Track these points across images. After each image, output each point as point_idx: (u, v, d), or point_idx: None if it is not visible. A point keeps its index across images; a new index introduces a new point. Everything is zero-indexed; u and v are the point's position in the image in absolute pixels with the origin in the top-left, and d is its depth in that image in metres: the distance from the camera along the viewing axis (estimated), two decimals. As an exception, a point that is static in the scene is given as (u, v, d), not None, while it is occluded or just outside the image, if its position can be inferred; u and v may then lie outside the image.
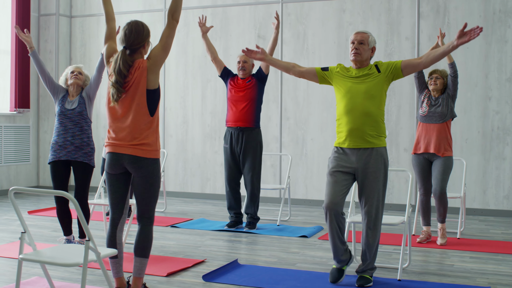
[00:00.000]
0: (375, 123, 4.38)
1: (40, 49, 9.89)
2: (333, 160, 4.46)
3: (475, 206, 7.73)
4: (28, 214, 7.42)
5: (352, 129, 4.36)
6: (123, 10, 9.59)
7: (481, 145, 7.69)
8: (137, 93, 3.72)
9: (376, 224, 4.38)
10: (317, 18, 8.45)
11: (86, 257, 3.24)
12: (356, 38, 4.47)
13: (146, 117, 3.76)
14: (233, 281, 4.48)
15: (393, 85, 8.02)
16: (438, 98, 5.95)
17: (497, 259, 5.29)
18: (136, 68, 3.74)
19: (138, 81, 3.72)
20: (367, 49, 4.46)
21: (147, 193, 3.82)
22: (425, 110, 5.97)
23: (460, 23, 7.74)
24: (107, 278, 3.47)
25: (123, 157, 3.78)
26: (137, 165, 3.77)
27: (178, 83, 9.30)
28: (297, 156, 8.56)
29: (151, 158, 3.80)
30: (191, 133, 9.18)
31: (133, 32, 3.79)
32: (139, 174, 3.79)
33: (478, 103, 7.71)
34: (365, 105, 4.34)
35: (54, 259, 3.29)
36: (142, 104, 3.73)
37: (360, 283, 4.41)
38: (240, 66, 6.56)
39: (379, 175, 4.38)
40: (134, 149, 3.75)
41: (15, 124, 9.34)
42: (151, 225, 3.89)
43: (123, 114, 3.76)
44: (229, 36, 8.96)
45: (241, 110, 6.47)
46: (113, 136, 3.81)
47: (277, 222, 6.92)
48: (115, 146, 3.80)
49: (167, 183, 9.32)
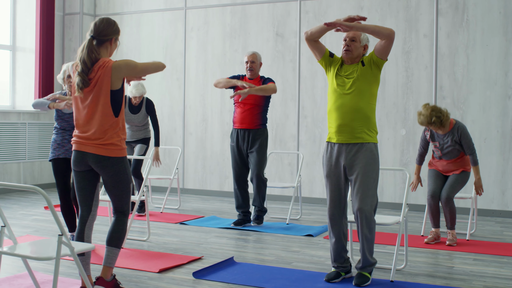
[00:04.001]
0: (365, 118, 4.35)
1: (65, 48, 10.07)
2: (326, 164, 4.49)
3: (493, 207, 7.53)
4: (44, 210, 7.56)
5: (340, 125, 4.36)
6: (145, 8, 9.69)
7: (500, 144, 7.49)
8: (102, 93, 3.75)
9: (368, 219, 4.32)
10: (335, 16, 8.37)
11: (58, 251, 3.27)
12: (348, 35, 4.43)
13: (111, 118, 3.78)
14: (224, 278, 4.47)
15: (410, 83, 7.90)
16: (446, 137, 5.83)
17: (501, 262, 5.14)
18: (101, 66, 3.75)
19: (102, 80, 3.74)
20: (359, 47, 4.42)
21: (117, 190, 3.86)
22: (438, 154, 5.92)
23: (479, 20, 7.55)
24: (82, 272, 3.50)
25: (88, 156, 3.80)
26: (102, 164, 3.79)
27: (197, 81, 9.34)
28: (314, 154, 8.50)
29: (116, 157, 3.81)
30: (210, 131, 9.21)
31: (104, 23, 3.82)
32: (105, 174, 3.82)
33: (497, 101, 7.51)
34: (354, 101, 4.32)
35: (29, 253, 3.34)
36: (106, 105, 3.76)
37: (357, 282, 4.36)
38: (248, 67, 6.54)
39: (369, 170, 4.34)
40: (99, 148, 3.78)
41: (39, 121, 9.53)
42: (126, 217, 3.94)
43: (88, 114, 3.79)
44: (248, 34, 8.95)
45: (247, 111, 6.48)
46: (79, 134, 3.85)
47: (287, 221, 6.89)
48: (80, 144, 3.83)
49: (186, 180, 9.38)
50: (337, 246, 4.49)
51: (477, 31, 7.59)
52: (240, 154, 6.56)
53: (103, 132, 3.77)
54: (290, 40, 8.66)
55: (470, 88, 7.62)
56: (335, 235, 4.48)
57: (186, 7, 9.40)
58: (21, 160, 9.26)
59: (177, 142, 9.46)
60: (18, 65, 9.61)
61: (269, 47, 8.80)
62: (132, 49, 9.83)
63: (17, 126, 9.19)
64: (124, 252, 5.26)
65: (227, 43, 9.11)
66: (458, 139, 5.76)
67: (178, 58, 9.48)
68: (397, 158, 8.01)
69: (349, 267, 4.58)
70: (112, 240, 3.88)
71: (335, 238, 4.48)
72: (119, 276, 4.49)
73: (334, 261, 4.53)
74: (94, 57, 3.75)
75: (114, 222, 3.92)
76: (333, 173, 4.43)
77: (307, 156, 8.51)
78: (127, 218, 3.95)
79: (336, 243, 4.49)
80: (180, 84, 9.48)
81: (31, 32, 9.49)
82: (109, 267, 3.87)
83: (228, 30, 9.11)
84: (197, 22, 9.33)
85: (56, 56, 9.88)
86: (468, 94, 7.63)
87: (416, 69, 7.91)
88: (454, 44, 7.70)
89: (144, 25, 9.75)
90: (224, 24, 9.12)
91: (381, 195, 8.10)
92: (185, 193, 9.36)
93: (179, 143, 9.44)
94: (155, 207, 7.96)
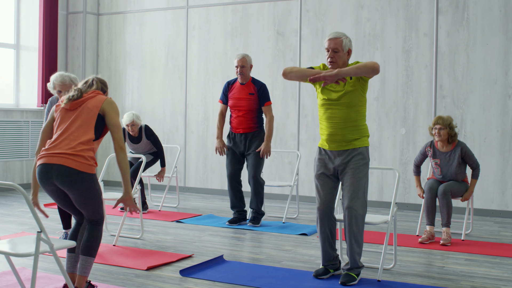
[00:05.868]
0: (356, 127, 4.40)
1: (68, 46, 10.13)
2: (317, 164, 4.52)
3: (493, 207, 7.48)
4: (44, 207, 7.61)
5: (332, 133, 4.41)
6: (147, 7, 9.72)
7: (500, 144, 7.43)
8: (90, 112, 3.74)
9: (357, 218, 4.31)
10: (335, 14, 8.35)
11: (37, 248, 3.29)
12: (330, 45, 4.39)
13: (90, 135, 3.69)
14: (210, 276, 4.48)
15: (410, 82, 7.86)
16: (448, 155, 5.90)
17: (493, 262, 5.10)
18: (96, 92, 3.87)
19: (93, 102, 3.78)
20: (342, 55, 4.40)
21: (88, 205, 3.72)
22: (438, 172, 5.98)
23: (479, 18, 7.50)
24: (61, 268, 3.51)
25: (53, 169, 3.58)
26: (70, 180, 3.57)
27: (199, 80, 9.36)
28: (314, 153, 8.47)
29: (86, 172, 3.62)
30: (212, 129, 9.21)
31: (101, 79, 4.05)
32: (74, 190, 3.61)
33: (497, 101, 7.45)
34: (344, 111, 4.36)
35: (8, 249, 3.36)
36: (89, 124, 3.71)
37: (343, 280, 4.35)
38: (239, 71, 6.50)
39: (359, 171, 4.35)
40: (67, 159, 3.57)
41: (43, 119, 9.59)
42: (100, 225, 3.83)
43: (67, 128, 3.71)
44: (249, 33, 8.95)
45: (241, 116, 6.52)
46: (48, 146, 3.69)
47: (283, 220, 6.88)
48: (46, 157, 3.63)
49: (188, 179, 9.40)
50: (325, 244, 4.49)
51: (477, 29, 7.54)
52: (234, 155, 6.57)
53: (76, 145, 3.63)
54: (290, 39, 8.65)
55: (470, 87, 7.57)
56: (324, 234, 4.47)
57: (188, 6, 9.42)
58: (24, 158, 9.33)
59: (178, 141, 9.48)
60: (21, 63, 9.68)
61: (270, 46, 8.80)
62: (134, 48, 9.87)
63: (20, 124, 9.26)
64: (116, 250, 5.29)
65: (228, 42, 9.12)
66: (462, 155, 5.87)
67: (180, 57, 9.51)
68: (396, 157, 7.97)
69: (338, 265, 4.57)
70: (86, 249, 3.75)
71: (324, 236, 4.48)
72: (106, 272, 4.52)
73: (323, 259, 4.52)
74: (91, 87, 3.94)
75: (88, 231, 3.78)
76: (325, 174, 4.46)
77: (307, 155, 8.50)
78: (101, 226, 3.84)
79: (325, 241, 4.48)
80: (182, 82, 9.50)
81: (35, 31, 9.55)
82: (84, 276, 3.76)
83: (229, 29, 9.11)
84: (198, 21, 9.35)
85: (59, 55, 9.94)
86: (468, 93, 7.58)
87: (416, 68, 7.86)
88: (454, 43, 7.65)
89: (147, 24, 9.78)
90: (226, 23, 9.13)
91: (380, 195, 8.07)
92: (187, 191, 9.39)
93: (180, 141, 9.47)
94: (154, 205, 7.98)
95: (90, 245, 3.77)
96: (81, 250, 3.78)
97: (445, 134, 5.85)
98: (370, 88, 8.09)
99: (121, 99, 9.98)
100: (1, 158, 9.01)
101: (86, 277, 3.80)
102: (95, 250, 3.80)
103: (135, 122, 7.10)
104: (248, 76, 6.55)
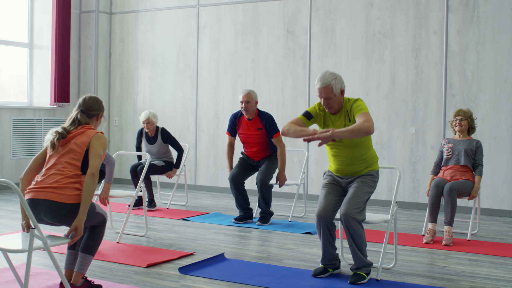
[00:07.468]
0: (363, 160, 4.47)
1: (81, 45, 10.21)
2: (326, 178, 4.61)
3: (503, 207, 7.40)
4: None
5: (340, 169, 4.52)
6: (159, 6, 9.77)
7: (510, 143, 7.35)
8: (75, 148, 3.73)
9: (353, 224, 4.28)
10: (345, 13, 8.32)
11: (31, 244, 3.33)
12: (321, 94, 4.34)
13: (77, 171, 3.68)
14: (209, 274, 4.49)
15: (420, 81, 7.81)
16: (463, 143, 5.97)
17: (496, 263, 5.05)
18: (85, 127, 3.83)
19: (79, 141, 3.75)
20: (336, 99, 4.36)
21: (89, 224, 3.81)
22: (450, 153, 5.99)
23: (490, 16, 7.42)
24: (55, 263, 3.55)
25: (39, 204, 3.57)
26: (59, 214, 3.56)
27: (210, 78, 9.38)
28: (324, 152, 8.46)
29: (73, 203, 3.60)
30: (222, 128, 9.23)
31: (92, 99, 3.95)
32: (65, 224, 3.62)
33: (508, 99, 7.37)
34: (348, 150, 4.42)
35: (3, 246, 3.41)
36: (76, 159, 3.70)
37: (352, 280, 4.35)
38: (243, 107, 6.48)
39: (365, 184, 4.43)
40: (53, 193, 3.56)
41: (55, 118, 9.69)
42: (103, 227, 3.89)
43: (55, 163, 3.71)
44: (259, 31, 8.96)
45: (256, 149, 6.62)
46: (36, 180, 3.68)
47: (289, 218, 6.88)
48: (33, 192, 3.61)
49: (198, 177, 9.43)
50: (326, 244, 4.46)
51: (488, 28, 7.46)
52: (246, 163, 6.72)
53: (62, 178, 3.61)
54: (300, 37, 8.63)
55: (480, 86, 7.50)
56: (323, 233, 4.44)
57: (199, 5, 9.44)
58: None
59: (189, 139, 9.52)
60: (35, 62, 9.78)
61: (280, 44, 8.79)
62: (146, 47, 9.92)
63: (33, 122, 9.36)
64: (118, 247, 5.33)
65: (238, 41, 9.13)
66: (474, 149, 5.91)
67: (191, 56, 9.54)
68: (406, 156, 7.92)
69: (337, 264, 4.56)
70: (86, 247, 3.81)
71: (324, 237, 4.44)
72: (106, 269, 4.55)
73: (323, 258, 4.51)
74: (77, 124, 3.85)
75: (89, 230, 3.84)
76: (334, 184, 4.53)
77: (316, 154, 8.48)
78: (103, 227, 3.90)
79: (326, 242, 4.45)
80: (193, 81, 9.53)
81: (48, 30, 9.65)
82: (81, 273, 3.81)
83: (240, 28, 9.12)
84: (209, 20, 9.37)
85: (72, 54, 10.03)
86: (478, 92, 7.50)
87: (426, 67, 7.80)
88: (464, 41, 7.58)
89: (158, 23, 9.83)
90: (236, 21, 9.14)
91: (388, 194, 8.02)
92: (197, 189, 9.42)
93: (191, 139, 9.50)
94: (163, 203, 8.02)
95: (90, 243, 3.84)
96: (80, 248, 3.85)
97: (466, 124, 5.98)
98: (380, 86, 8.05)
99: (133, 98, 10.04)
100: (14, 156, 9.11)
101: (83, 274, 3.84)
102: (95, 249, 3.86)
103: (151, 120, 7.24)
104: (254, 110, 6.53)
